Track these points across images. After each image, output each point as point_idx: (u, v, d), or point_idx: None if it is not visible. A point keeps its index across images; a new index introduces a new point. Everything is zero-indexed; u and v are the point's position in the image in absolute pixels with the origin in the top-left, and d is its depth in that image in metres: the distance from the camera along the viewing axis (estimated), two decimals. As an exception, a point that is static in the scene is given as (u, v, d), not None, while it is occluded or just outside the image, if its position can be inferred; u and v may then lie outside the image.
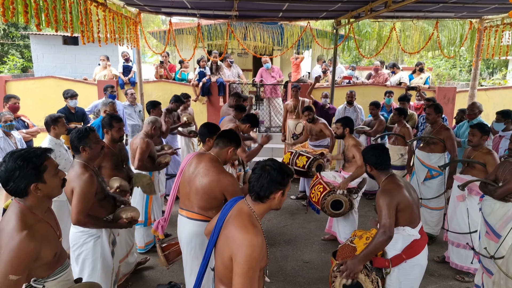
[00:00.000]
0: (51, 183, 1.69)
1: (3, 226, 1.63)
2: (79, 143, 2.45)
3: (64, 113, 4.84)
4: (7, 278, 1.52)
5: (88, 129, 2.52)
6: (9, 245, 1.55)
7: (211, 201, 2.45)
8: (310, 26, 6.63)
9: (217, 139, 2.57)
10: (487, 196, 3.02)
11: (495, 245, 2.89)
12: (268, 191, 1.62)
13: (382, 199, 2.29)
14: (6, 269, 1.53)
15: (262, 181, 1.62)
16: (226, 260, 1.58)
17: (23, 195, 1.65)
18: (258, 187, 1.62)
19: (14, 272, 1.54)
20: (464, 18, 6.47)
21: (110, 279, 2.69)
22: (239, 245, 1.52)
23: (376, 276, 2.30)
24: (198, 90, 7.26)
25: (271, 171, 1.64)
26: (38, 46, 11.05)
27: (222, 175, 2.41)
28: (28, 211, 1.66)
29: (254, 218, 1.64)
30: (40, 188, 1.65)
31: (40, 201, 1.70)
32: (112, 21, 4.90)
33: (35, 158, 1.63)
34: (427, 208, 4.28)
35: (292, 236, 4.50)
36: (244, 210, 1.67)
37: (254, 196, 1.65)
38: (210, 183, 2.40)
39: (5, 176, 1.60)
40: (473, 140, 3.47)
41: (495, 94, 7.73)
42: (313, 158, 4.76)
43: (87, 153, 2.47)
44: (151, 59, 18.52)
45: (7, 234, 1.59)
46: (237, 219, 1.62)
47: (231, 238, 1.57)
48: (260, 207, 1.67)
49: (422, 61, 9.16)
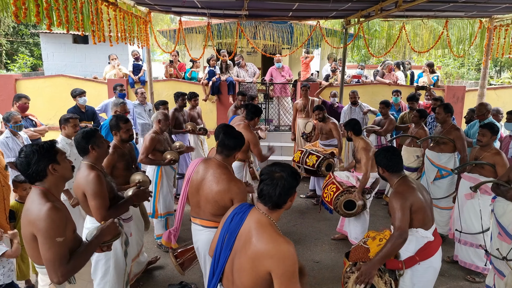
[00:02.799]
0: (64, 164, 1.93)
1: (28, 206, 1.82)
2: (87, 143, 2.44)
3: (74, 112, 4.89)
4: (55, 241, 1.73)
5: (94, 128, 2.55)
6: (40, 216, 1.74)
7: (222, 208, 2.38)
8: (320, 25, 6.62)
9: (221, 148, 2.48)
10: (500, 197, 3.01)
11: (508, 246, 2.89)
12: (286, 198, 1.63)
13: (396, 201, 2.30)
14: (49, 234, 1.73)
15: (279, 190, 1.60)
16: (260, 276, 1.54)
17: (43, 177, 1.85)
18: (277, 196, 1.60)
19: (57, 234, 1.74)
20: (474, 18, 6.42)
21: (123, 279, 2.72)
22: (279, 259, 1.50)
23: (390, 278, 2.32)
24: (208, 89, 7.29)
25: (286, 178, 1.62)
26: (48, 44, 11.17)
27: (233, 183, 2.35)
28: (47, 192, 1.85)
29: (275, 226, 1.63)
30: (56, 169, 1.87)
31: (57, 182, 1.90)
32: (122, 21, 4.95)
33: (46, 144, 1.89)
34: (437, 208, 4.27)
35: (302, 235, 4.53)
36: (264, 222, 1.62)
37: (272, 206, 1.63)
38: (220, 192, 2.34)
39: (26, 161, 1.82)
40: (483, 140, 3.47)
41: (505, 93, 7.66)
42: (323, 157, 4.78)
43: (95, 152, 2.47)
44: (160, 56, 18.58)
45: (35, 210, 1.77)
46: (263, 234, 1.57)
47: (265, 254, 1.52)
48: (277, 214, 1.67)
49: (431, 60, 9.08)
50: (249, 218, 1.66)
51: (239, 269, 1.61)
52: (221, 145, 2.47)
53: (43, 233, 1.72)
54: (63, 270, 1.75)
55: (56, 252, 1.73)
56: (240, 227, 1.66)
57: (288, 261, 1.50)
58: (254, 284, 1.56)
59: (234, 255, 1.65)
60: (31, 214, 1.77)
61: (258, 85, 8.32)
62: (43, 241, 1.73)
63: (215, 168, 2.42)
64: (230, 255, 1.68)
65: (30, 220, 1.77)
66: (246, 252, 1.58)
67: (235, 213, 1.75)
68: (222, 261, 1.70)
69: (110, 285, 2.65)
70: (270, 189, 1.61)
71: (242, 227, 1.66)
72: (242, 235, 1.64)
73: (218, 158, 2.48)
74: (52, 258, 1.73)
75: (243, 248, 1.61)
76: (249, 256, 1.55)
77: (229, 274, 1.69)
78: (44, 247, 1.73)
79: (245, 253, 1.58)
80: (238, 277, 1.62)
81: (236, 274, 1.63)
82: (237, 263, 1.63)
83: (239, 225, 1.67)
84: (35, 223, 1.74)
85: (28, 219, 1.79)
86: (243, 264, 1.58)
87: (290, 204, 1.69)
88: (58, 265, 1.74)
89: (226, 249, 1.68)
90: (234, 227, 1.69)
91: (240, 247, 1.63)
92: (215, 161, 2.47)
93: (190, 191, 2.54)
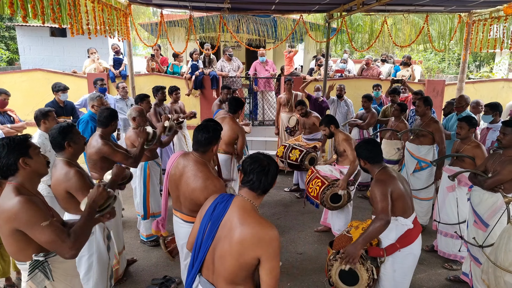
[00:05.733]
0: (37, 159, 1.86)
1: (1, 203, 1.77)
2: (63, 139, 2.34)
3: (53, 107, 4.74)
4: (41, 227, 1.69)
5: (70, 124, 2.43)
6: (16, 209, 1.70)
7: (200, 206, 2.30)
8: (303, 19, 6.63)
9: (196, 145, 2.39)
10: (476, 187, 3.11)
11: (483, 234, 2.99)
12: (273, 183, 1.73)
13: (377, 189, 2.35)
14: (32, 222, 1.69)
15: (270, 176, 1.69)
16: (246, 261, 1.57)
17: (14, 171, 1.80)
18: (269, 183, 1.69)
19: (40, 220, 1.69)
20: (453, 12, 6.56)
21: (107, 274, 2.70)
22: (266, 242, 1.55)
23: (371, 265, 2.38)
24: (191, 84, 7.21)
25: (272, 165, 1.72)
26: (25, 38, 10.80)
27: (209, 181, 2.28)
28: (21, 187, 1.79)
29: (258, 211, 1.68)
30: (28, 163, 1.81)
31: (30, 177, 1.84)
32: (101, 13, 4.82)
33: (18, 138, 1.83)
34: (417, 199, 4.37)
35: (286, 228, 4.56)
36: (248, 207, 1.66)
37: (261, 191, 1.70)
38: (196, 190, 2.29)
39: None
40: (461, 133, 3.56)
41: (482, 87, 7.88)
42: (306, 151, 4.83)
43: (71, 148, 2.37)
44: (143, 51, 18.24)
45: (9, 205, 1.72)
46: (249, 218, 1.61)
47: (252, 238, 1.55)
48: (260, 200, 1.74)
49: (409, 54, 9.26)
50: (232, 206, 1.68)
51: (222, 256, 1.62)
52: (195, 141, 2.39)
53: (27, 224, 1.69)
54: (69, 244, 1.72)
55: (50, 233, 1.70)
56: (224, 215, 1.68)
57: (275, 242, 1.57)
58: (238, 269, 1.59)
59: (216, 243, 1.66)
60: (6, 211, 1.72)
61: (242, 80, 8.28)
62: (31, 231, 1.70)
63: (193, 165, 2.36)
64: (211, 244, 1.68)
65: (7, 216, 1.71)
66: (231, 238, 1.59)
67: (217, 202, 1.75)
68: (203, 250, 1.70)
69: (94, 280, 2.64)
70: (262, 176, 1.67)
71: (226, 214, 1.67)
72: (227, 222, 1.65)
73: (196, 155, 2.40)
74: (50, 239, 1.70)
75: (227, 235, 1.62)
76: (236, 242, 1.57)
77: (210, 263, 1.70)
78: (36, 235, 1.70)
79: (230, 239, 1.59)
80: (220, 264, 1.63)
81: (219, 261, 1.64)
82: (219, 251, 1.64)
83: (223, 213, 1.68)
84: (15, 218, 1.70)
85: (3, 216, 1.73)
86: (227, 250, 1.60)
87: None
88: (60, 242, 1.71)
89: (208, 238, 1.69)
90: (217, 216, 1.69)
91: (224, 235, 1.64)
92: (193, 157, 2.40)
93: (170, 186, 2.50)
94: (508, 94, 7.58)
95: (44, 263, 1.81)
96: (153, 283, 3.35)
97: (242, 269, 1.59)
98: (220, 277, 1.65)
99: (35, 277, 1.79)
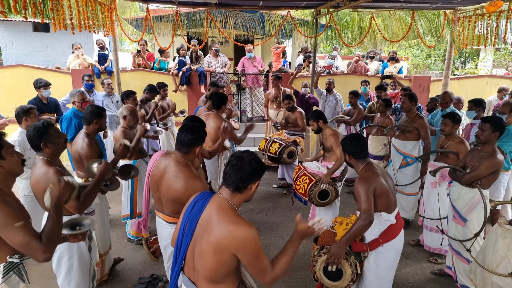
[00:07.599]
0: (11, 159, 1.80)
1: None
2: (39, 140, 2.23)
3: (36, 103, 4.65)
4: (14, 227, 1.64)
5: (46, 124, 2.31)
6: None
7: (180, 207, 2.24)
8: (291, 15, 6.62)
9: (178, 145, 2.31)
10: (455, 182, 3.17)
11: (462, 228, 3.06)
12: (247, 182, 1.64)
13: (361, 186, 2.37)
14: (5, 222, 1.64)
15: (242, 172, 1.63)
16: (223, 258, 1.57)
17: None
18: (239, 178, 1.62)
19: (14, 220, 1.65)
20: (439, 9, 6.63)
21: (89, 274, 2.65)
22: (240, 241, 1.54)
23: (355, 260, 2.40)
24: (178, 80, 7.13)
25: (252, 162, 1.65)
26: (7, 33, 10.50)
27: (190, 181, 2.22)
28: None
29: (236, 211, 1.65)
30: (1, 165, 1.77)
31: (4, 177, 1.79)
32: (85, 7, 4.71)
33: None
34: (403, 194, 4.44)
35: (274, 224, 4.58)
36: (225, 206, 1.64)
37: (233, 188, 1.64)
38: (178, 191, 2.23)
39: None
40: (446, 130, 3.61)
41: (467, 83, 8.02)
42: (285, 145, 4.90)
43: (50, 149, 2.28)
44: (129, 47, 17.92)
45: None
46: (224, 216, 1.59)
47: (226, 237, 1.55)
48: (238, 198, 1.68)
49: (396, 50, 9.34)
50: (210, 204, 1.67)
51: (200, 254, 1.62)
52: (178, 140, 2.31)
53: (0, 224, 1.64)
54: (42, 247, 1.67)
55: (23, 235, 1.65)
56: (201, 213, 1.67)
57: (249, 242, 1.55)
58: (217, 267, 1.59)
59: (195, 241, 1.66)
60: None
61: (231, 76, 8.23)
62: (3, 232, 1.65)
63: (174, 165, 2.29)
64: (191, 242, 1.68)
65: None
66: (208, 236, 1.59)
67: (196, 200, 1.74)
68: (184, 248, 1.70)
69: (75, 281, 2.58)
70: (234, 171, 1.63)
71: (204, 212, 1.66)
72: (204, 220, 1.65)
73: (178, 155, 2.33)
74: (23, 241, 1.65)
75: (204, 233, 1.61)
76: (212, 240, 1.57)
77: (190, 261, 1.69)
78: (9, 236, 1.65)
79: (207, 238, 1.58)
80: (199, 262, 1.63)
81: (198, 259, 1.63)
82: (198, 249, 1.64)
83: (200, 211, 1.67)
84: None
85: None
86: (204, 249, 1.59)
87: (251, 193, 1.70)
88: (33, 245, 1.66)
89: (187, 236, 1.68)
90: (195, 214, 1.68)
91: (201, 233, 1.64)
92: (174, 157, 2.32)
93: (151, 186, 2.44)
94: (491, 90, 7.73)
95: (19, 265, 1.76)
96: (140, 281, 3.32)
97: (221, 266, 1.59)
98: (200, 275, 1.64)
99: (9, 280, 1.73)
